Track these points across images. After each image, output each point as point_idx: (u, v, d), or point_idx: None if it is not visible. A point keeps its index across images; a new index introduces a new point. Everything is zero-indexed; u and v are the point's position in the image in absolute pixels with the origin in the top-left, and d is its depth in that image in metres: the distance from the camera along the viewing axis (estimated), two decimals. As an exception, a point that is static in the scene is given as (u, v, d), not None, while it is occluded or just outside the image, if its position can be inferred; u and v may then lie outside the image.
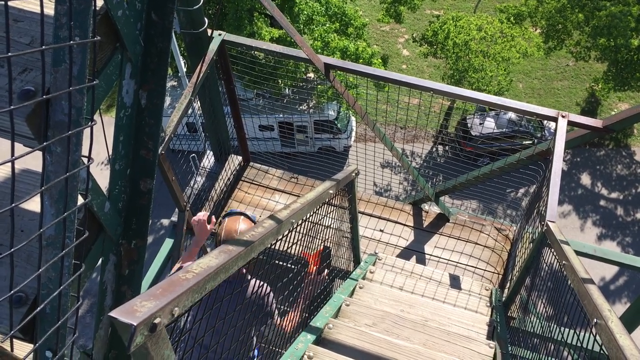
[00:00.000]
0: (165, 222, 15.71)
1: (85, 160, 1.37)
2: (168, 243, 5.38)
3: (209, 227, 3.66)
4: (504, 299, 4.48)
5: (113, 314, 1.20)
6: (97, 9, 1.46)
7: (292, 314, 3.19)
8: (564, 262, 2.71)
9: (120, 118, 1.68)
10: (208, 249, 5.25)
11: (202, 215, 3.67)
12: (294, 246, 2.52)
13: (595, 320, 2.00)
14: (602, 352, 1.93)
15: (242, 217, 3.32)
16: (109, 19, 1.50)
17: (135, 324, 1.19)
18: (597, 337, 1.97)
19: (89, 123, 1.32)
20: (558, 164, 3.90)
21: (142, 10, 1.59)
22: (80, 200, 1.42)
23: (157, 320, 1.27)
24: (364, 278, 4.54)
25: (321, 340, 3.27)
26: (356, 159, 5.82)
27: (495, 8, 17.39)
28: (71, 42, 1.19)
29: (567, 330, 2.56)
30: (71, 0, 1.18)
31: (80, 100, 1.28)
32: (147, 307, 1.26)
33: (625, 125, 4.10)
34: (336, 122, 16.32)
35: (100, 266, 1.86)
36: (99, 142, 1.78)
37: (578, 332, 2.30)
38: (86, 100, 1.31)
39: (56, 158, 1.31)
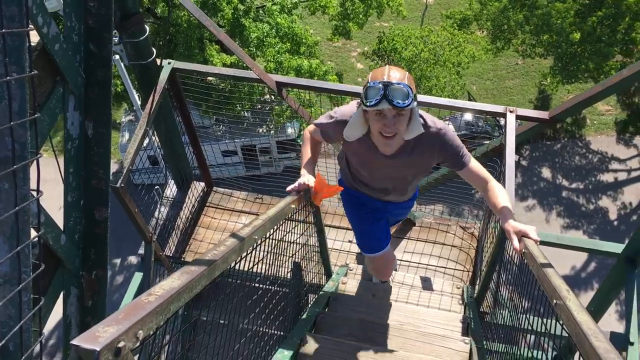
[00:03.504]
0: (133, 259, 15.47)
1: (34, 193, 1.37)
2: (137, 277, 5.30)
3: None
4: (475, 295, 4.56)
5: (75, 341, 1.20)
6: (35, 44, 1.48)
7: None
8: (523, 250, 2.79)
9: (69, 150, 1.68)
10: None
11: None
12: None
13: (555, 301, 2.06)
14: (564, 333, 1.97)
15: None
16: (46, 53, 1.51)
17: (98, 349, 1.18)
18: (560, 319, 2.02)
19: (35, 157, 1.33)
20: (511, 158, 4.01)
21: (79, 43, 1.60)
22: (34, 234, 1.42)
23: (121, 344, 1.27)
24: (336, 290, 4.56)
25: (298, 356, 3.27)
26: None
27: (442, 14, 17.84)
28: (7, 77, 1.20)
29: (534, 318, 2.61)
30: (4, 37, 1.19)
31: (24, 135, 1.29)
32: (110, 331, 1.26)
33: (571, 114, 4.27)
34: (298, 140, 16.39)
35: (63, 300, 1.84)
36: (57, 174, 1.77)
37: (545, 321, 2.35)
38: (30, 134, 1.32)
39: (4, 194, 1.31)
